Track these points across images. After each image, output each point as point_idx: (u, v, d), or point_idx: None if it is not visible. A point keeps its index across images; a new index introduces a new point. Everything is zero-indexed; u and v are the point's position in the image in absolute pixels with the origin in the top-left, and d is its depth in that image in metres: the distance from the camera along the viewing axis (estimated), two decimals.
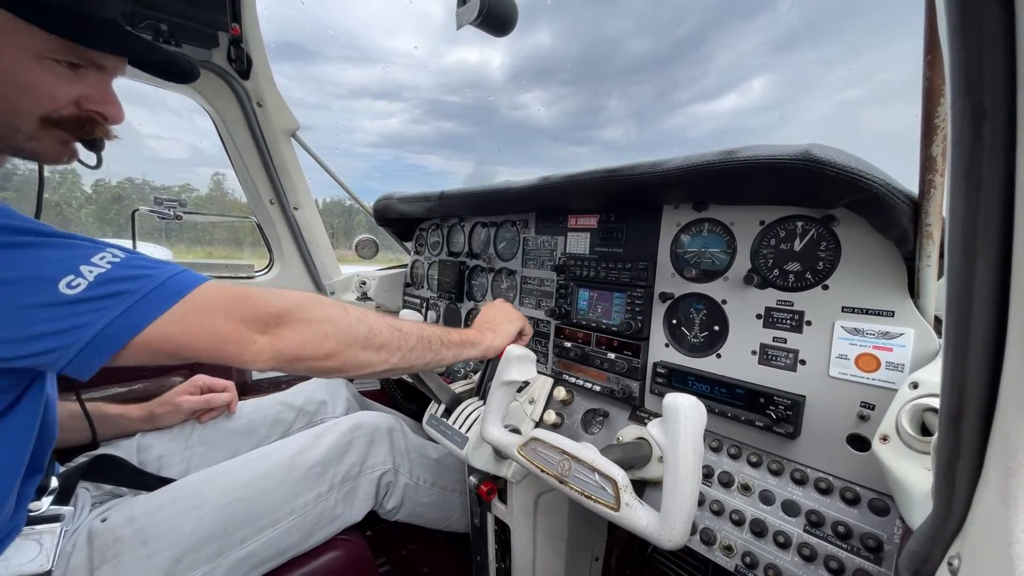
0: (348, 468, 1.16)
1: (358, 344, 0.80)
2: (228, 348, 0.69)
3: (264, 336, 0.72)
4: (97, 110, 0.76)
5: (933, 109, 0.59)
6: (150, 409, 1.23)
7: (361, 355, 0.81)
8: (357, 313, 0.83)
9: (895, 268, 0.71)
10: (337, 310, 0.80)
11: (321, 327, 0.77)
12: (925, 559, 0.40)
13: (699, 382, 0.89)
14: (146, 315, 0.64)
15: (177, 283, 0.68)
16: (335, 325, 0.78)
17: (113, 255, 0.65)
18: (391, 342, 0.85)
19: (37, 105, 0.70)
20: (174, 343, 0.66)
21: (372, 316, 0.86)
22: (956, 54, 0.29)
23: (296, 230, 1.91)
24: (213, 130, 1.78)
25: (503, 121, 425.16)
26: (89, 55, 0.72)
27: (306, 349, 0.75)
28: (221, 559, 0.94)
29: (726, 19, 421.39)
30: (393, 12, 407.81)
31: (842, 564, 0.68)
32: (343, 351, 0.78)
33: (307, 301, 0.78)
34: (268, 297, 0.74)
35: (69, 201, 2.77)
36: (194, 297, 0.68)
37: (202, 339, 0.68)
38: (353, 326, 0.80)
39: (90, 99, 0.75)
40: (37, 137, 0.72)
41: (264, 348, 0.71)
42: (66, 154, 0.78)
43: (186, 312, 0.67)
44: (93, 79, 0.75)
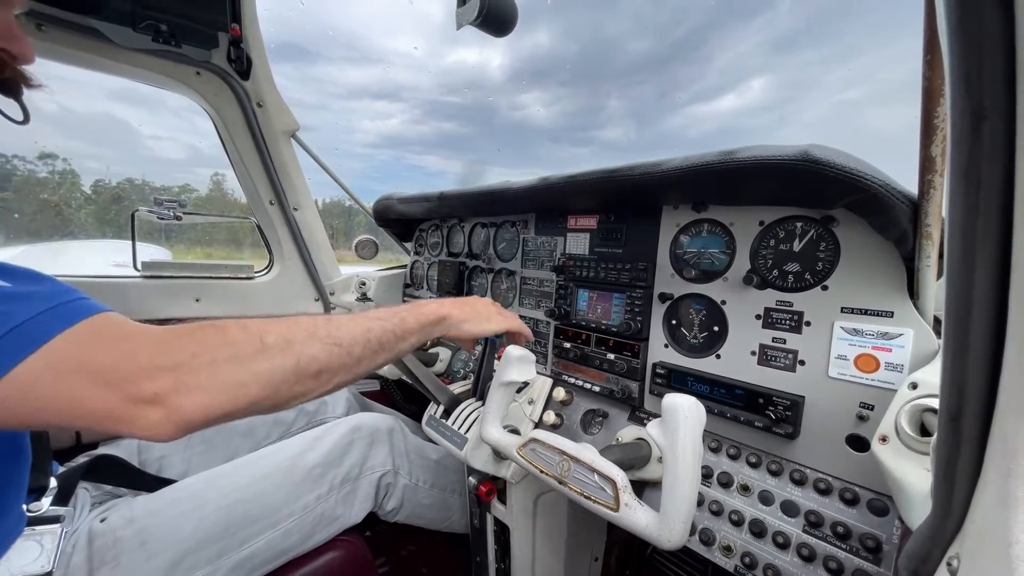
0: (348, 469, 1.16)
1: (288, 380, 0.63)
2: (107, 425, 0.52)
3: (155, 408, 0.53)
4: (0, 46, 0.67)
5: (932, 109, 0.59)
6: None
7: (296, 388, 0.65)
8: (279, 340, 0.63)
9: (894, 268, 0.71)
10: (251, 345, 0.61)
11: (233, 375, 0.58)
12: (924, 559, 0.40)
13: (698, 383, 0.89)
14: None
15: (28, 332, 0.48)
16: (250, 367, 0.59)
17: None
18: (329, 362, 0.68)
19: None
20: (22, 418, 0.49)
21: (300, 334, 0.66)
22: (956, 54, 0.29)
23: (296, 231, 1.91)
24: (212, 130, 1.78)
25: (503, 121, 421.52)
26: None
27: (219, 408, 0.57)
28: (221, 561, 0.94)
29: (726, 19, 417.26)
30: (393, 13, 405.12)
31: (841, 564, 0.68)
32: (270, 395, 0.61)
33: (209, 344, 0.58)
34: (157, 349, 0.55)
35: (68, 202, 2.77)
36: (48, 355, 0.48)
37: (64, 415, 0.50)
38: (276, 360, 0.62)
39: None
40: None
41: (159, 421, 0.53)
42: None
43: (37, 377, 0.48)
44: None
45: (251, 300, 1.89)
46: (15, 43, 0.69)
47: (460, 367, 1.55)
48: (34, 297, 0.52)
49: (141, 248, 1.68)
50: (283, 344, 0.63)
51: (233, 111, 1.69)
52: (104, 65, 1.45)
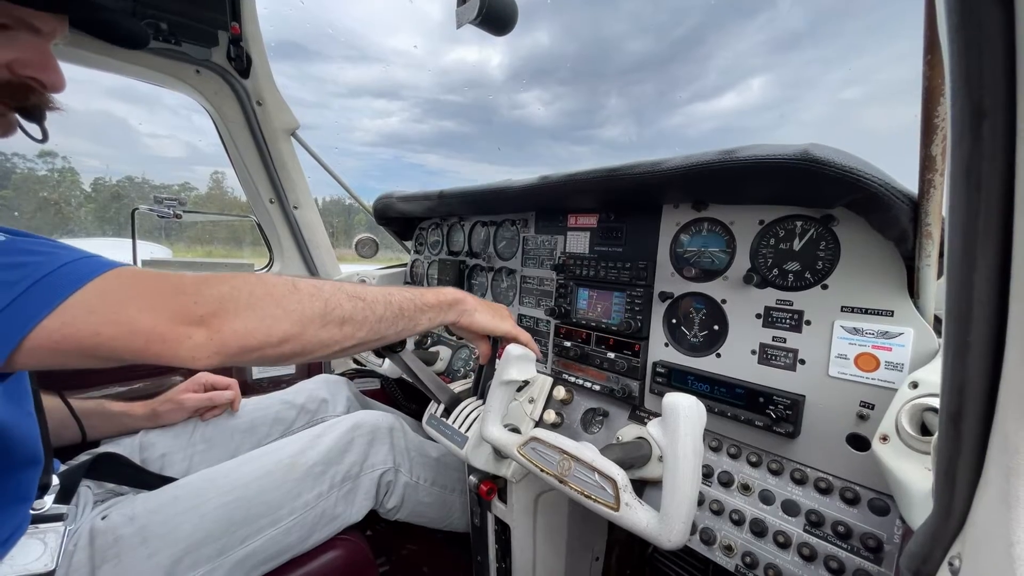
0: (348, 467, 1.16)
1: (316, 322, 0.69)
2: (154, 347, 0.58)
3: (199, 329, 0.59)
4: (32, 75, 0.70)
5: (933, 109, 0.59)
6: (153, 407, 1.24)
7: (322, 333, 0.70)
8: (309, 287, 0.71)
9: (894, 268, 0.71)
10: (284, 287, 0.69)
11: (268, 309, 0.65)
12: (926, 559, 0.40)
13: (699, 381, 0.89)
14: (37, 310, 0.53)
15: (76, 269, 0.56)
16: (284, 305, 0.67)
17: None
18: (354, 314, 0.74)
19: None
20: (80, 343, 0.55)
21: (328, 287, 0.74)
22: (956, 54, 0.29)
23: (296, 229, 1.91)
24: (211, 128, 1.78)
25: (502, 120, 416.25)
26: (18, 14, 0.66)
27: (254, 338, 0.63)
28: (222, 558, 0.94)
29: (725, 19, 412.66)
30: (392, 11, 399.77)
31: (842, 564, 0.68)
32: (299, 333, 0.67)
33: (247, 281, 0.66)
34: (200, 283, 0.63)
35: (68, 200, 2.77)
36: (99, 286, 0.56)
37: (118, 337, 0.56)
38: (305, 302, 0.69)
39: (23, 63, 0.68)
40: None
41: (201, 343, 0.59)
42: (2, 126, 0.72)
43: (91, 304, 0.55)
44: (26, 42, 0.69)
45: None
46: (48, 72, 0.72)
47: (460, 366, 1.55)
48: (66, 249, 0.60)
49: (141, 246, 1.68)
50: (313, 290, 0.71)
51: (233, 109, 1.69)
52: (104, 63, 1.45)
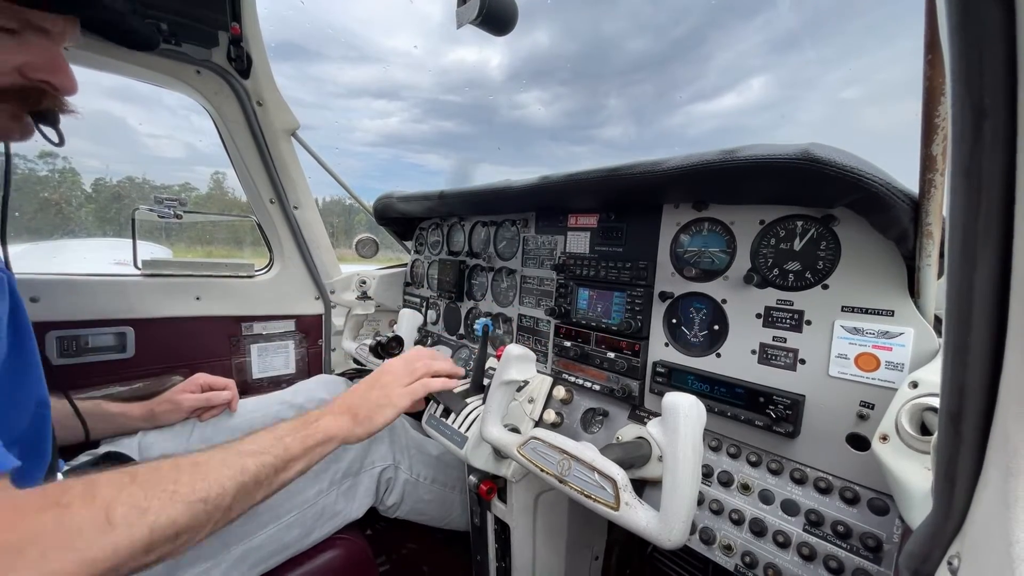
0: (348, 464, 1.16)
1: (136, 555, 0.55)
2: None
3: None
4: (44, 79, 0.69)
5: (933, 108, 0.59)
6: (151, 407, 1.24)
7: (146, 559, 0.57)
8: (129, 508, 0.56)
9: (895, 267, 0.71)
10: (91, 526, 0.53)
11: (53, 571, 0.49)
12: (925, 559, 0.40)
13: (699, 381, 0.89)
14: None
15: None
16: (84, 557, 0.51)
17: None
18: (192, 523, 0.61)
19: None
20: None
21: (159, 497, 0.59)
22: (957, 53, 0.29)
23: (296, 229, 1.91)
24: (210, 128, 1.78)
25: (502, 121, 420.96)
26: (27, 16, 0.65)
27: None
28: (223, 554, 0.95)
29: (725, 19, 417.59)
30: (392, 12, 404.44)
31: (841, 564, 0.68)
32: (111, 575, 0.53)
33: (40, 534, 0.50)
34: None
35: (69, 200, 2.77)
36: None
37: None
38: (122, 538, 0.54)
39: (34, 67, 0.68)
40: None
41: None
42: (18, 130, 0.73)
43: None
44: (36, 45, 0.68)
45: (251, 298, 1.89)
46: (59, 75, 0.71)
47: (460, 366, 1.55)
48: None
49: (142, 246, 1.68)
50: (135, 516, 0.56)
51: (233, 110, 1.69)
52: (104, 64, 1.45)
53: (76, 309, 1.49)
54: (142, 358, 1.62)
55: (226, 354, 1.83)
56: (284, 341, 1.97)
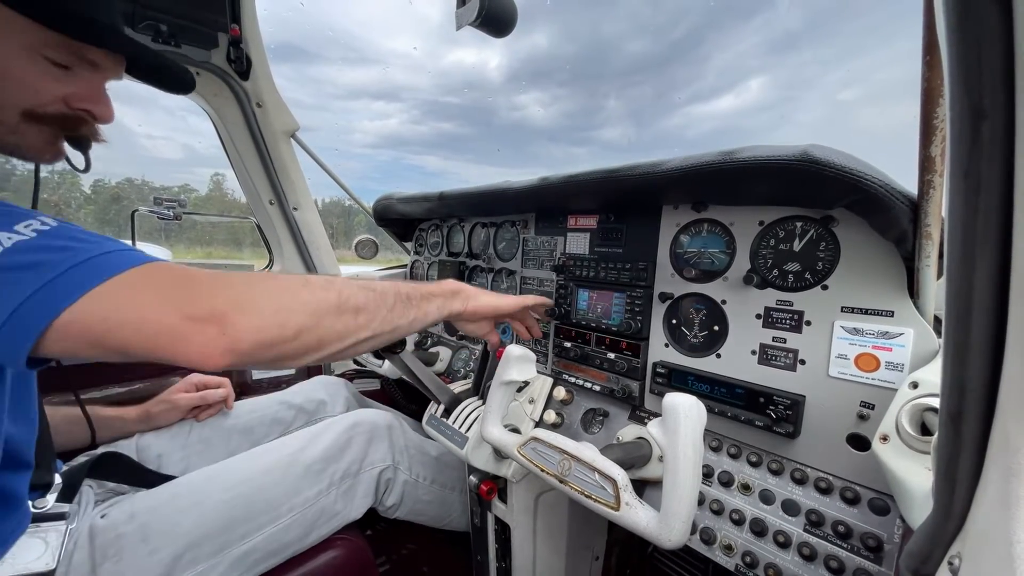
0: (348, 465, 1.16)
1: (331, 312, 0.68)
2: (163, 341, 0.56)
3: (211, 326, 0.57)
4: (86, 108, 0.74)
5: (932, 109, 0.59)
6: (146, 409, 1.24)
7: (337, 324, 0.69)
8: (320, 280, 0.71)
9: (894, 268, 0.71)
10: (296, 281, 0.68)
11: (282, 302, 0.63)
12: (926, 559, 0.40)
13: (699, 382, 0.90)
14: (68, 293, 0.53)
15: (108, 261, 0.57)
16: (298, 298, 0.65)
17: (42, 223, 0.57)
18: (367, 303, 0.74)
19: (21, 98, 0.67)
20: (94, 331, 0.54)
21: (339, 280, 0.74)
22: (955, 54, 0.29)
23: (296, 230, 1.91)
24: (208, 129, 1.78)
25: (501, 122, 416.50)
26: (83, 52, 0.70)
27: (268, 332, 0.61)
28: (222, 555, 0.95)
29: (723, 20, 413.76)
30: (391, 14, 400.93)
31: (842, 564, 0.68)
32: (315, 324, 0.66)
33: (261, 277, 0.67)
34: (213, 278, 0.61)
35: (68, 202, 2.77)
36: (123, 278, 0.56)
37: (127, 328, 0.55)
38: (319, 293, 0.68)
39: (79, 97, 0.72)
40: (19, 131, 0.70)
41: (211, 340, 0.57)
42: (50, 152, 0.76)
43: (112, 294, 0.55)
44: (85, 77, 0.73)
45: None
46: (101, 106, 0.76)
47: (460, 366, 1.55)
48: (108, 240, 0.61)
49: (141, 248, 1.68)
50: (325, 283, 0.71)
51: (233, 111, 1.69)
52: None
53: None
54: None
55: None
56: None
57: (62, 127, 0.73)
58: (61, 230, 0.58)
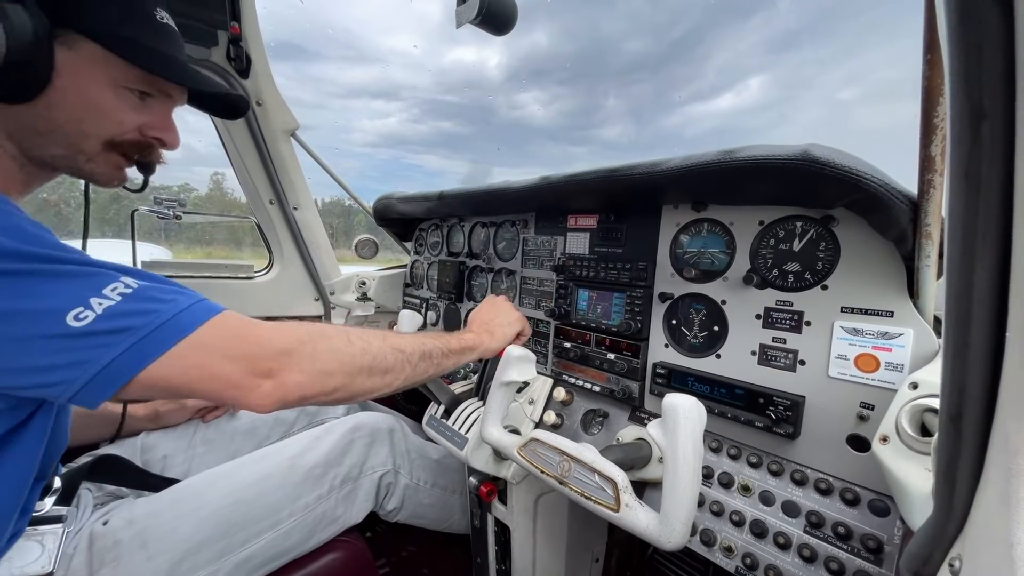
0: (348, 469, 1.16)
1: (363, 374, 0.79)
2: (228, 393, 0.67)
3: (267, 381, 0.69)
4: (157, 136, 0.79)
5: (932, 109, 0.59)
6: (155, 408, 1.24)
7: (367, 383, 0.80)
8: (360, 341, 0.81)
9: (894, 268, 0.71)
10: (340, 342, 0.78)
11: (325, 364, 0.75)
12: (926, 560, 0.40)
13: (699, 382, 0.89)
14: (148, 353, 0.61)
15: (182, 320, 0.64)
16: (338, 360, 0.77)
17: (126, 285, 0.63)
18: (395, 365, 0.84)
19: (105, 129, 0.73)
20: (172, 384, 0.63)
21: (375, 341, 0.84)
22: (955, 54, 0.29)
23: (296, 230, 1.90)
24: (206, 128, 1.77)
25: (501, 121, 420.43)
26: (160, 85, 0.77)
27: (311, 389, 0.73)
28: (221, 561, 0.94)
29: (723, 19, 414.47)
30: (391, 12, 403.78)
31: (842, 565, 0.68)
32: (348, 384, 0.77)
33: (310, 337, 0.75)
34: (271, 337, 0.71)
35: (68, 200, 2.77)
36: (198, 336, 0.64)
37: (201, 382, 0.65)
38: (356, 357, 0.79)
39: (152, 126, 0.78)
40: (96, 160, 0.75)
41: (267, 393, 0.69)
42: (118, 178, 0.81)
43: (187, 353, 0.63)
44: (158, 108, 0.79)
45: (251, 299, 1.88)
46: (169, 134, 0.82)
47: (460, 367, 1.55)
48: (181, 295, 0.67)
49: (141, 247, 1.68)
50: (364, 345, 0.81)
51: None
52: None
53: None
54: None
55: None
56: None
57: (135, 153, 0.79)
58: (142, 292, 0.64)
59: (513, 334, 1.13)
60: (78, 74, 0.68)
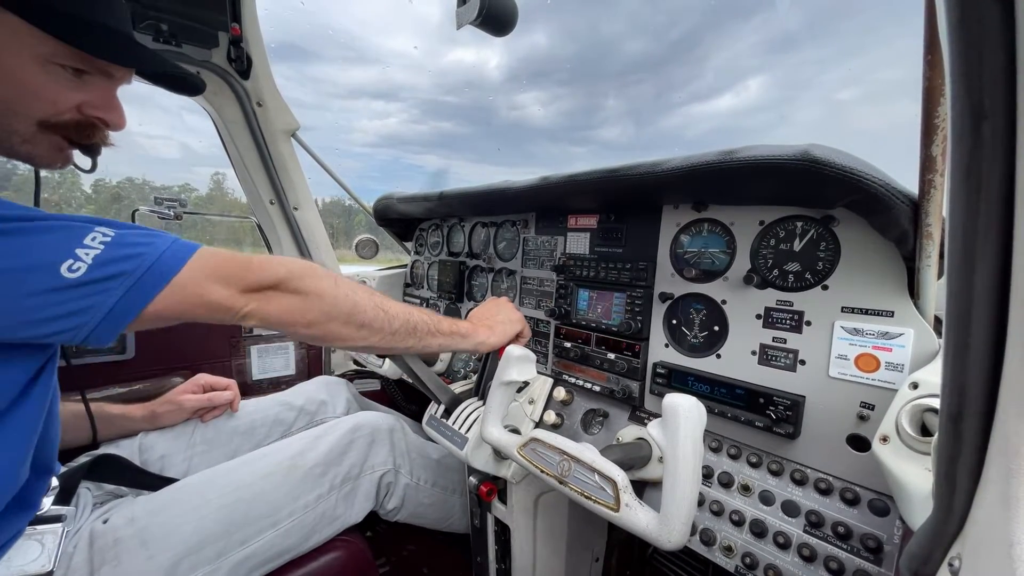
0: (348, 468, 1.16)
1: (340, 319, 0.82)
2: (219, 313, 0.73)
3: (255, 301, 0.75)
4: (99, 116, 0.76)
5: (933, 109, 0.59)
6: (152, 408, 1.24)
7: (342, 329, 0.83)
8: (347, 288, 0.84)
9: (895, 268, 0.71)
10: (327, 283, 0.82)
11: (308, 299, 0.79)
12: (926, 560, 0.40)
13: (699, 382, 0.89)
14: (147, 292, 0.66)
15: (171, 257, 0.69)
16: (321, 298, 0.80)
17: (104, 234, 0.65)
18: (373, 321, 0.86)
19: (37, 109, 0.69)
20: (176, 311, 0.69)
21: (362, 292, 0.87)
22: (956, 54, 0.29)
23: (296, 230, 1.91)
24: (207, 128, 1.77)
25: (501, 121, 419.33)
26: (98, 63, 0.72)
27: (290, 316, 0.78)
28: (221, 560, 0.94)
29: (722, 20, 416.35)
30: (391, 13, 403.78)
31: (842, 565, 0.68)
32: (324, 323, 0.81)
33: (301, 273, 0.80)
34: (264, 265, 0.77)
35: (69, 201, 2.77)
36: (191, 268, 0.69)
37: (200, 306, 0.71)
38: (339, 300, 0.82)
39: (92, 105, 0.74)
40: (33, 141, 0.72)
41: (253, 311, 0.75)
42: (60, 160, 0.78)
43: (185, 284, 0.69)
44: (98, 86, 0.75)
45: None
46: (113, 113, 0.78)
47: (461, 367, 1.55)
48: (158, 237, 0.70)
49: None
50: (348, 291, 0.84)
51: (233, 110, 1.69)
52: None
53: None
54: (142, 359, 1.62)
55: (226, 355, 1.83)
56: (284, 342, 1.97)
57: (76, 135, 0.75)
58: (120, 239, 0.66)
59: (513, 333, 1.13)
60: (0, 50, 0.64)
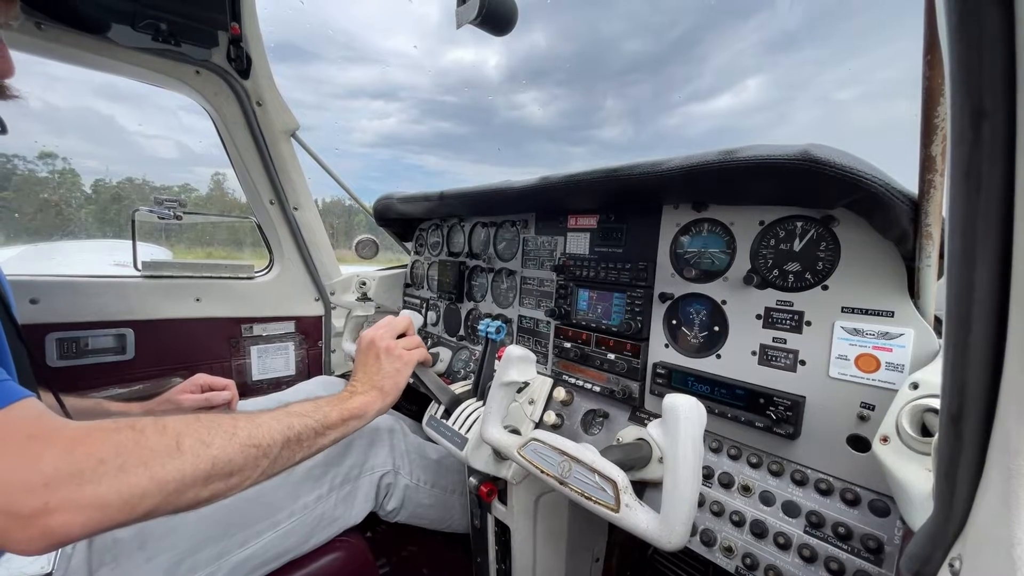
0: (348, 469, 1.16)
1: (198, 483, 0.62)
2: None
3: (38, 520, 0.49)
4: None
5: (933, 109, 0.59)
6: (150, 408, 1.24)
7: (204, 491, 0.63)
8: (195, 440, 0.62)
9: (895, 268, 0.71)
10: (163, 449, 0.59)
11: (135, 485, 0.55)
12: (926, 560, 0.40)
13: (699, 383, 0.89)
14: None
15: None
16: (156, 475, 0.57)
17: None
18: (245, 465, 0.68)
19: None
20: None
21: (219, 439, 0.65)
22: (956, 54, 0.29)
23: (296, 230, 1.91)
24: (208, 129, 1.77)
25: (500, 121, 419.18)
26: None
27: (110, 521, 0.54)
28: (220, 562, 0.94)
29: (721, 20, 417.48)
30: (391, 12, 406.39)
31: (843, 565, 0.68)
32: (173, 501, 0.59)
33: (119, 448, 0.56)
34: (58, 455, 0.52)
35: (68, 201, 2.77)
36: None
37: None
38: (187, 465, 0.60)
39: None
40: None
41: (34, 538, 0.50)
42: None
43: None
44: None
45: (251, 300, 1.89)
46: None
47: (461, 367, 1.55)
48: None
49: (141, 248, 1.68)
50: (200, 448, 0.62)
51: (233, 110, 1.69)
52: (104, 64, 1.45)
53: (76, 311, 1.49)
54: (142, 360, 1.62)
55: (226, 356, 1.83)
56: (284, 343, 1.97)
57: None
58: None
59: (404, 381, 1.02)
60: None
